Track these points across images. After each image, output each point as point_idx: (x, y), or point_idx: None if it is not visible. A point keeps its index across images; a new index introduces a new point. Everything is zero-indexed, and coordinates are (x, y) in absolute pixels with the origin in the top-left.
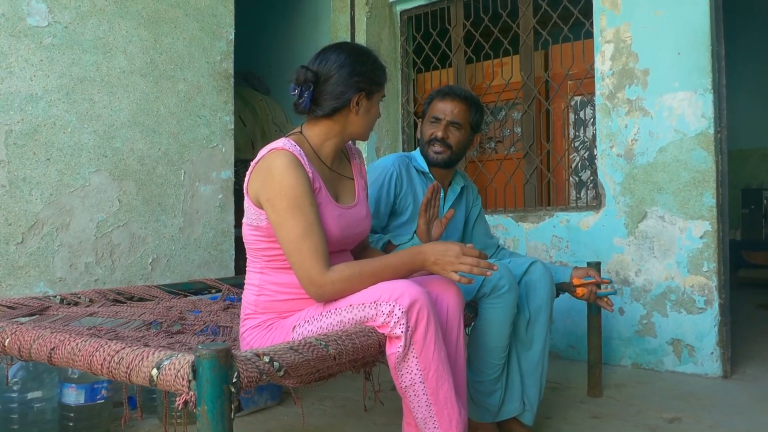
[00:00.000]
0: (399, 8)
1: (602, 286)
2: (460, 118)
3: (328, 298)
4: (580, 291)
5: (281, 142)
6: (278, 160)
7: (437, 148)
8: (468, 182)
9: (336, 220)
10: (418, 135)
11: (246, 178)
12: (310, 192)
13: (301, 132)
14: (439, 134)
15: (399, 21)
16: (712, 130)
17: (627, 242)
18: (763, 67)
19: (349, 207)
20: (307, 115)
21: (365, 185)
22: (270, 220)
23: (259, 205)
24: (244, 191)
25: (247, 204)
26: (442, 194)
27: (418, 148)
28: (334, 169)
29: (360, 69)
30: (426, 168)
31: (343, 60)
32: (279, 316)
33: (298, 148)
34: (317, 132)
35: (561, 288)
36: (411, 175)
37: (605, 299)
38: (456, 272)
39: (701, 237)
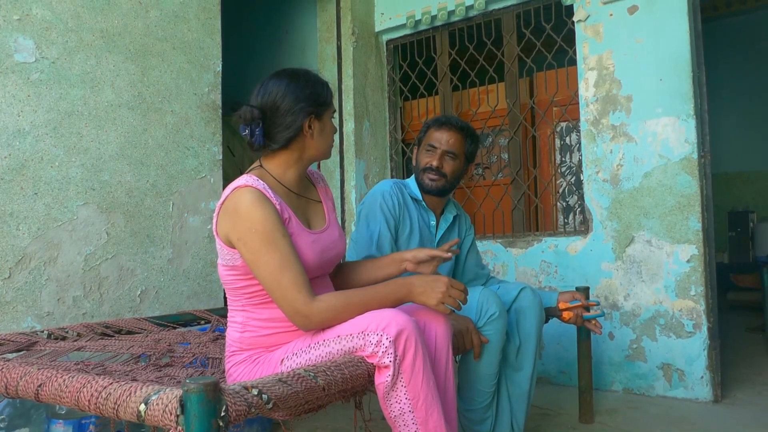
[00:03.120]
0: (385, 38)
1: (591, 309)
2: (455, 148)
3: (315, 327)
4: (566, 315)
5: (243, 179)
6: (243, 198)
7: (432, 176)
8: (461, 211)
9: (311, 247)
10: (413, 162)
11: (214, 220)
12: (281, 224)
13: (261, 166)
14: (435, 163)
15: (385, 50)
16: (695, 155)
17: (615, 267)
18: (745, 91)
19: (321, 231)
20: (262, 150)
21: (333, 207)
22: (245, 258)
23: (231, 245)
24: (214, 233)
25: (219, 245)
26: (433, 222)
27: (412, 176)
28: (302, 194)
29: (303, 93)
30: (419, 195)
31: (284, 88)
32: (265, 350)
33: (261, 182)
34: (277, 163)
35: (548, 312)
36: (407, 201)
37: (593, 322)
38: (443, 304)
39: (688, 261)
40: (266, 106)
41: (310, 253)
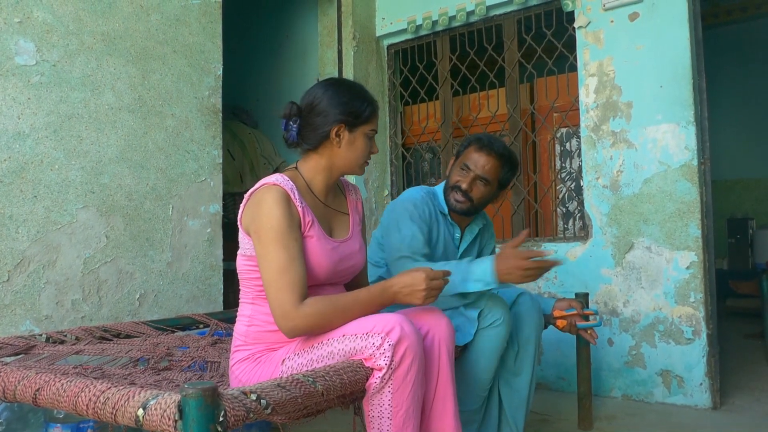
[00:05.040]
0: (386, 42)
1: (590, 318)
2: (489, 175)
3: (299, 333)
4: (560, 323)
5: (274, 178)
6: (268, 195)
7: (458, 197)
8: (486, 221)
9: (329, 254)
10: (446, 173)
11: (240, 210)
12: (296, 228)
13: (296, 168)
14: (464, 186)
15: (386, 55)
16: (695, 162)
17: (615, 273)
18: (745, 99)
19: (342, 240)
20: (298, 149)
21: (360, 220)
22: (255, 251)
23: (250, 236)
24: (238, 222)
25: (241, 234)
26: (458, 235)
27: (442, 185)
28: (329, 204)
29: (340, 100)
30: (446, 210)
31: (324, 92)
32: (268, 347)
33: (291, 183)
34: (309, 167)
35: (544, 320)
36: (436, 212)
37: (589, 331)
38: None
39: (687, 267)
40: (305, 105)
41: (326, 259)
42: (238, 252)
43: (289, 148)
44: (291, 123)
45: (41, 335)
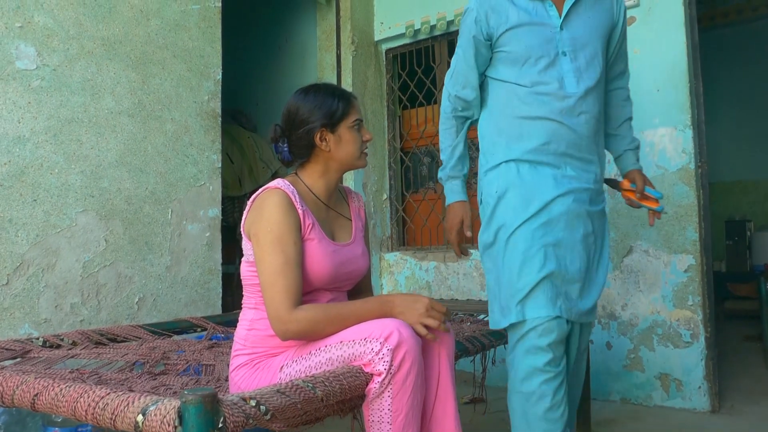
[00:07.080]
0: (384, 47)
1: (654, 201)
2: None
3: (291, 336)
4: (625, 195)
5: (276, 182)
6: (270, 199)
7: None
8: None
9: (330, 256)
10: None
11: (243, 217)
12: (296, 232)
13: (296, 174)
14: None
15: (384, 59)
16: (693, 165)
17: (613, 276)
18: (742, 101)
19: (344, 244)
20: (292, 165)
21: (362, 227)
22: (254, 254)
23: (251, 240)
24: (241, 229)
25: (244, 240)
26: (553, 12)
27: None
28: (331, 207)
29: (311, 106)
30: None
31: (296, 104)
32: (266, 352)
33: (292, 187)
34: (308, 173)
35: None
36: (501, 2)
37: (650, 212)
38: (420, 324)
39: (685, 271)
40: (285, 123)
41: (327, 261)
42: (242, 259)
43: (288, 168)
44: (280, 144)
45: (38, 339)
